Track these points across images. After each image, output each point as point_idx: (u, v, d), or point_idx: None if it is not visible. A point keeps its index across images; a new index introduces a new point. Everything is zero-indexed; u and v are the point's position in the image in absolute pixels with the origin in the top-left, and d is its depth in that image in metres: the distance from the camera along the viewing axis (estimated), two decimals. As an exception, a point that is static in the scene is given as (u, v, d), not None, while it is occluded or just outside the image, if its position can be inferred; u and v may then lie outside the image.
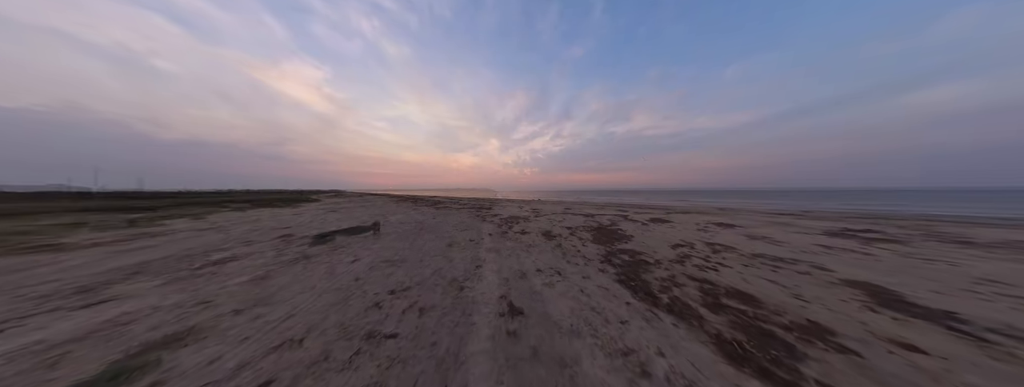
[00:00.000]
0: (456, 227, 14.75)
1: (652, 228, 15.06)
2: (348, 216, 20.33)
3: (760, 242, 11.07)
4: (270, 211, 23.68)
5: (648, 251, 9.71)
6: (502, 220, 18.04)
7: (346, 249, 9.41)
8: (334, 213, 22.77)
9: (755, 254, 9.15)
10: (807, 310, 5.12)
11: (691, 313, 5.04)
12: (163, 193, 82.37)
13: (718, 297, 5.77)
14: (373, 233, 12.45)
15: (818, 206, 34.21)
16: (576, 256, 8.99)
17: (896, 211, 26.58)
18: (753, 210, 27.35)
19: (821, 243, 10.78)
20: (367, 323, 4.37)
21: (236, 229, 13.50)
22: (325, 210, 25.59)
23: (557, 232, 13.94)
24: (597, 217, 19.93)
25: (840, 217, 20.78)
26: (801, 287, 6.27)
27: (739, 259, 8.61)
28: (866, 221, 17.75)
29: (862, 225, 15.66)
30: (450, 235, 12.29)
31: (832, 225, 15.65)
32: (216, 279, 6.21)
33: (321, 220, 17.69)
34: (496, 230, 13.95)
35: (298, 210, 25.40)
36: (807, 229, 14.25)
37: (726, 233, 13.26)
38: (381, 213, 22.66)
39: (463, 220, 17.91)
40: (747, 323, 4.65)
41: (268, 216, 19.71)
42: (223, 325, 4.23)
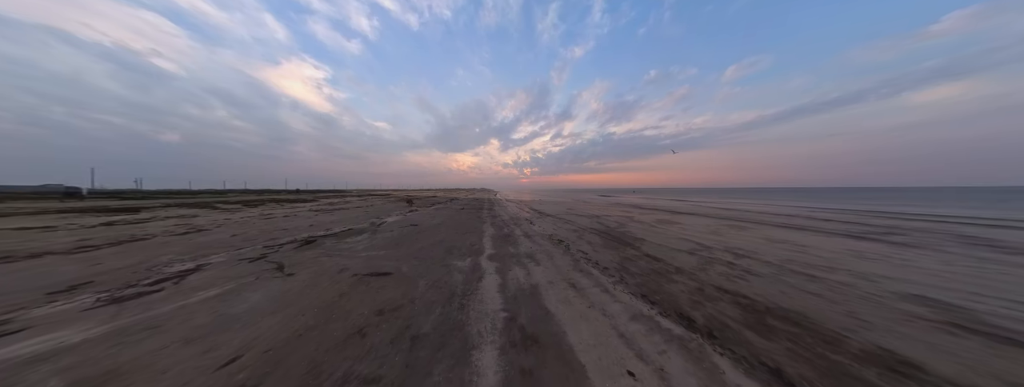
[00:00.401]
0: (455, 229, 13.87)
1: (662, 230, 14.24)
2: (343, 218, 19.41)
3: (782, 246, 10.26)
4: (260, 211, 22.74)
5: (665, 257, 8.88)
6: (503, 222, 17.20)
7: (334, 256, 8.53)
8: (328, 214, 21.83)
9: (783, 260, 8.33)
10: (874, 334, 4.30)
11: (736, 338, 4.20)
12: (158, 193, 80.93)
13: (761, 316, 4.94)
14: (369, 235, 11.56)
15: (821, 205, 33.50)
16: (589, 265, 8.15)
17: (903, 211, 25.87)
18: (761, 210, 26.58)
19: (850, 248, 9.98)
20: (345, 360, 3.50)
21: (216, 233, 12.57)
22: (320, 211, 24.64)
23: (564, 236, 13.07)
24: (602, 219, 19.09)
25: (853, 217, 20.03)
26: (852, 302, 5.45)
27: (766, 266, 7.79)
28: (881, 222, 17.00)
29: (879, 226, 14.90)
30: (448, 240, 11.42)
31: (850, 227, 14.89)
32: (171, 298, 5.31)
33: (313, 222, 16.76)
34: (498, 233, 13.08)
35: (292, 210, 24.43)
36: (827, 231, 13.47)
37: (743, 235, 12.46)
38: (377, 214, 21.75)
39: (462, 221, 17.03)
40: (808, 353, 3.82)
41: (257, 217, 18.76)
42: (160, 364, 3.35)
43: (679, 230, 14.77)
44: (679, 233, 13.80)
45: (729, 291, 6.06)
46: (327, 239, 11.21)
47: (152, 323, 4.33)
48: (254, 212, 22.86)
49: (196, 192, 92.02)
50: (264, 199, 43.24)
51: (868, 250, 9.60)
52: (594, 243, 11.60)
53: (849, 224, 16.05)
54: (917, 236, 12.13)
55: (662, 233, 13.38)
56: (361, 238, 11.42)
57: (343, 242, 10.63)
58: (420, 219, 18.15)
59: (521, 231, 13.99)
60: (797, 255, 8.98)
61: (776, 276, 7.04)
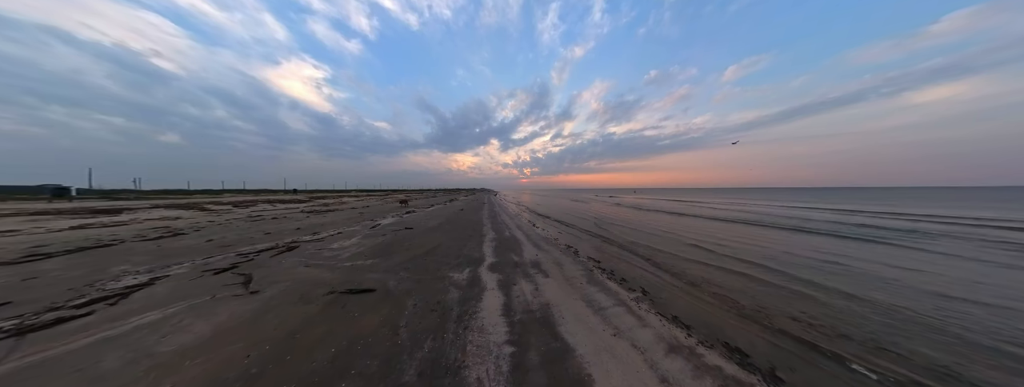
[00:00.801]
0: (453, 233, 12.82)
1: (713, 248, 13.18)
2: (335, 220, 18.37)
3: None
4: (249, 212, 21.69)
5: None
6: (504, 224, 16.15)
7: (313, 266, 7.49)
8: (321, 216, 20.78)
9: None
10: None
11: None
12: (152, 192, 79.82)
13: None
14: (359, 240, 10.52)
15: (834, 206, 32.48)
16: (604, 276, 7.11)
17: (916, 212, 24.86)
18: (780, 213, 25.53)
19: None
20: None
21: (191, 238, 11.54)
22: (313, 212, 23.59)
23: (570, 241, 12.05)
24: (605, 222, 18.04)
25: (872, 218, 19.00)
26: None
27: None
28: (900, 223, 15.96)
29: (900, 229, 13.86)
30: (445, 246, 10.39)
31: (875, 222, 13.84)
32: (93, 327, 4.28)
33: (302, 224, 15.73)
34: (499, 237, 12.03)
35: (284, 212, 23.39)
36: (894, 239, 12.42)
37: (792, 247, 11.41)
38: (372, 215, 20.71)
39: (461, 224, 15.97)
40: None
41: (244, 219, 17.73)
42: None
43: (693, 229, 13.74)
44: (694, 234, 12.77)
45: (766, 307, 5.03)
46: (311, 244, 10.17)
47: (36, 372, 3.27)
48: (242, 213, 21.82)
49: (191, 192, 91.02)
50: (258, 199, 42.19)
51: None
52: (610, 252, 10.58)
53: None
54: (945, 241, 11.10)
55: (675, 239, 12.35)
56: (349, 243, 10.38)
57: (328, 248, 9.59)
58: (416, 221, 17.11)
59: (523, 234, 12.96)
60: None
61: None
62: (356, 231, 13.24)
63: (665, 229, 15.66)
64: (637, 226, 16.82)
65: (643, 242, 12.26)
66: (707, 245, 11.58)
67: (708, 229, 15.67)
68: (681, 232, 14.64)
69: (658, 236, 13.64)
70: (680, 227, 16.44)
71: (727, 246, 11.41)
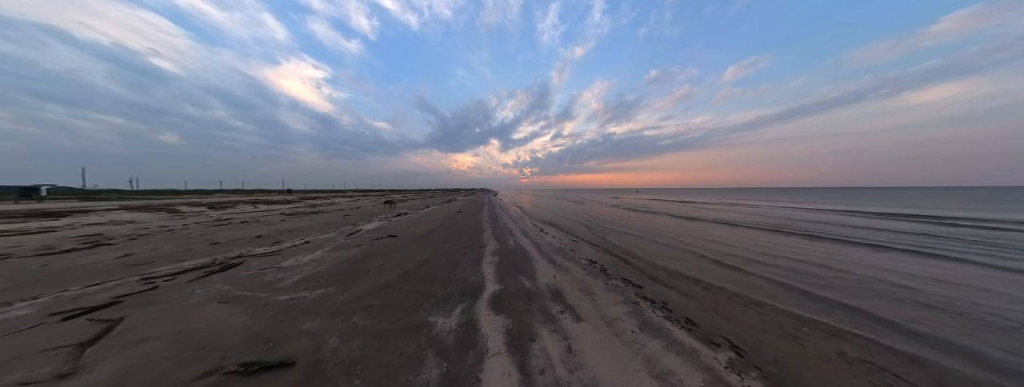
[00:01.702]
0: (445, 243, 10.43)
1: (748, 258, 10.83)
2: (312, 224, 15.98)
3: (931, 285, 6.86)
4: (221, 214, 19.30)
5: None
6: (508, 229, 13.76)
7: (231, 302, 5.11)
8: (299, 219, 18.40)
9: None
10: None
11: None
12: (140, 192, 77.38)
13: None
14: (324, 253, 8.14)
15: (853, 208, 30.11)
16: (656, 310, 4.75)
17: (929, 214, 22.60)
18: (805, 217, 23.18)
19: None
20: None
21: (107, 252, 9.17)
22: (294, 214, 21.20)
23: (591, 253, 9.71)
24: (627, 227, 15.71)
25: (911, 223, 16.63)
26: None
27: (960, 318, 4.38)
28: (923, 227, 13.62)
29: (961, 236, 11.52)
30: (432, 264, 8.01)
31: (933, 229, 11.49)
32: None
33: (271, 229, 13.35)
34: (503, 248, 9.64)
35: (262, 214, 21.00)
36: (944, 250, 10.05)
37: (831, 257, 9.04)
38: (357, 218, 18.31)
39: (457, 230, 13.57)
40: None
41: (208, 222, 15.35)
42: None
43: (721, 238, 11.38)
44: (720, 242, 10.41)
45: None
46: (260, 260, 7.78)
47: None
48: (213, 215, 19.43)
49: (182, 192, 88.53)
50: (245, 200, 39.78)
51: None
52: (643, 267, 8.19)
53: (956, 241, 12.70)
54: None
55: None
56: (308, 259, 7.99)
57: (278, 266, 7.20)
58: (405, 226, 14.73)
59: (531, 243, 10.59)
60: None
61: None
62: (328, 240, 10.84)
63: (692, 236, 13.30)
64: (658, 233, 14.46)
65: (673, 252, 9.90)
66: (762, 260, 9.24)
67: (738, 239, 13.32)
68: (713, 241, 12.28)
69: (687, 244, 11.29)
70: (709, 236, 14.10)
71: (773, 257, 9.07)
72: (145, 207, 23.86)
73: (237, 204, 28.83)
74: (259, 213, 21.48)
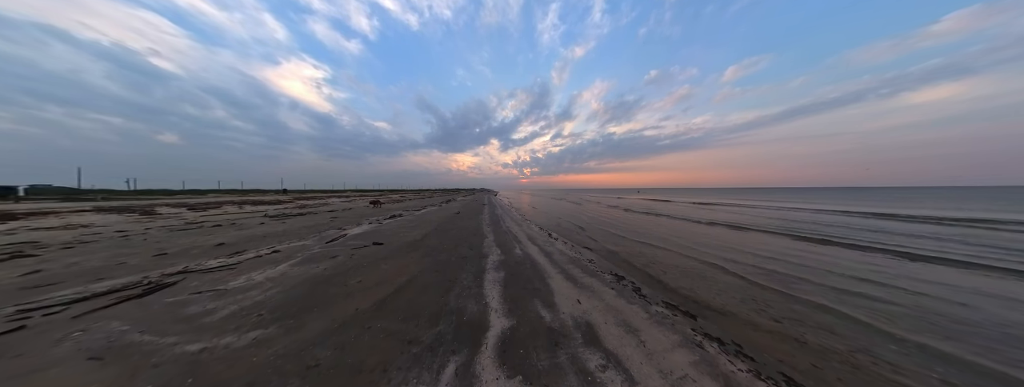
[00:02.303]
0: (440, 253, 8.78)
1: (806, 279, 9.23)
2: (292, 228, 14.36)
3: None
4: (197, 216, 17.62)
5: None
6: (513, 235, 12.09)
7: (108, 361, 3.46)
8: (281, 222, 16.75)
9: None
10: None
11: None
12: (132, 192, 75.58)
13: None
14: (289, 267, 6.49)
15: (876, 209, 28.60)
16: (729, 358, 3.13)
17: (966, 215, 21.10)
18: (829, 221, 21.60)
19: None
20: None
21: (17, 266, 7.52)
22: (278, 216, 19.55)
23: (614, 265, 8.13)
24: (644, 233, 14.13)
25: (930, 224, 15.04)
26: None
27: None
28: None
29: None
30: (419, 284, 6.39)
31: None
32: None
33: (243, 235, 11.72)
34: (509, 260, 7.99)
35: (245, 216, 19.33)
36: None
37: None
38: (345, 222, 16.67)
39: (454, 235, 11.92)
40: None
41: (178, 226, 13.71)
42: None
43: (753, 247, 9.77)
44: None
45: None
46: (206, 278, 6.14)
47: None
48: (187, 218, 17.75)
49: (177, 192, 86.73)
50: (234, 200, 38.11)
51: None
52: (678, 287, 6.54)
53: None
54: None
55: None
56: (264, 277, 6.34)
57: (220, 288, 5.56)
58: (395, 231, 13.09)
59: (541, 252, 8.95)
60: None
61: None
62: (301, 248, 9.19)
63: (722, 244, 11.69)
64: (682, 239, 12.85)
65: (706, 267, 8.28)
66: (827, 282, 7.66)
67: (772, 249, 11.74)
68: (745, 251, 10.69)
69: (721, 254, 9.67)
70: (736, 243, 12.51)
71: (830, 275, 7.47)
72: (121, 208, 22.17)
73: (222, 205, 27.12)
74: (240, 215, 19.80)
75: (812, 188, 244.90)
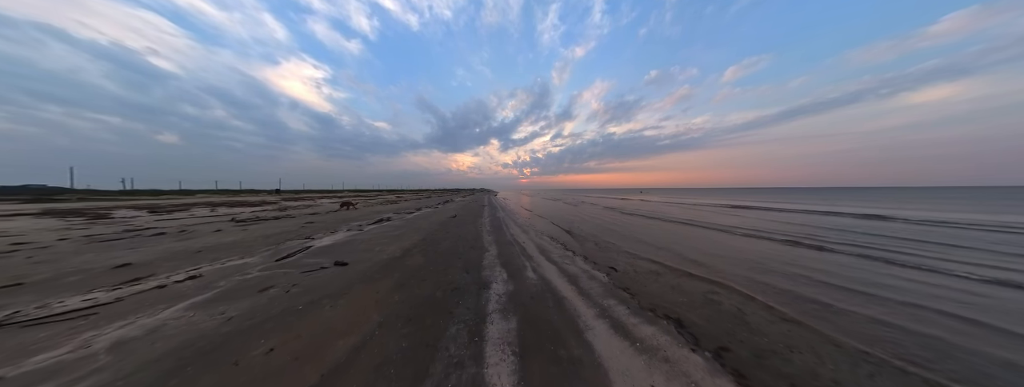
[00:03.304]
0: (424, 280, 6.30)
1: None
2: (240, 240, 11.92)
3: None
4: (153, 219, 15.15)
5: None
6: (520, 245, 9.57)
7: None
8: (243, 229, 14.28)
9: None
10: None
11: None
12: (120, 192, 72.98)
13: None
14: (186, 313, 4.03)
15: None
16: None
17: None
18: (864, 228, 19.12)
19: None
20: None
21: None
22: (248, 221, 17.07)
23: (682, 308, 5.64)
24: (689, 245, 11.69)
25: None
26: None
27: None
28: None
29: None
30: (376, 352, 3.89)
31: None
32: None
33: (176, 248, 9.25)
34: (522, 290, 5.51)
35: (208, 220, 16.83)
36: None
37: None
38: (318, 229, 14.20)
39: (447, 248, 9.44)
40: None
41: (101, 238, 11.24)
42: None
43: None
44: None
45: None
46: (17, 337, 3.70)
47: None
48: (138, 222, 15.24)
49: (166, 192, 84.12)
50: (214, 202, 35.65)
51: None
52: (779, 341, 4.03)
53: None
54: None
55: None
56: (122, 334, 3.87)
57: (14, 365, 3.12)
58: (372, 243, 10.61)
59: (560, 274, 6.44)
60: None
61: None
62: (234, 271, 6.70)
63: (785, 262, 9.18)
64: (729, 253, 10.36)
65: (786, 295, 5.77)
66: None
67: (849, 270, 9.28)
68: (807, 267, 8.18)
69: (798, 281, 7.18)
70: (789, 259, 10.05)
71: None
72: (70, 212, 19.63)
73: (193, 207, 24.57)
74: (203, 220, 17.26)
75: (811, 189, 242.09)
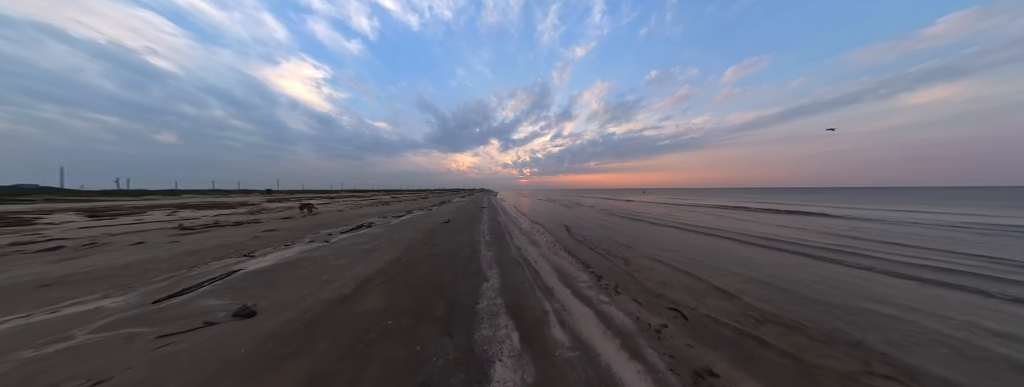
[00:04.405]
0: (370, 344, 3.51)
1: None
2: (149, 260, 9.09)
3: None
4: (74, 227, 12.31)
5: None
6: (535, 264, 6.69)
7: None
8: (172, 240, 11.48)
9: None
10: None
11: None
12: (99, 192, 70.09)
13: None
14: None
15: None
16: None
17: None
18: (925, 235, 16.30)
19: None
20: None
21: None
22: (195, 228, 14.24)
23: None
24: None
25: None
26: None
27: None
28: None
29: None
30: None
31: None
32: None
33: (68, 269, 6.46)
34: (554, 363, 2.75)
35: (156, 223, 14.00)
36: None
37: None
38: (278, 239, 11.38)
39: (428, 270, 6.64)
40: None
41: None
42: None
43: None
44: None
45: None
46: None
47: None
48: (51, 231, 12.42)
49: (152, 192, 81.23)
50: (188, 203, 32.83)
51: None
52: None
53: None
54: None
55: None
56: None
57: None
58: (318, 268, 7.77)
59: (597, 319, 3.56)
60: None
61: None
62: (66, 324, 3.91)
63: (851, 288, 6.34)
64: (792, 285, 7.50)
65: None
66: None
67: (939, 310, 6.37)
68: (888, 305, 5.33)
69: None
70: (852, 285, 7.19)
71: None
72: (17, 215, 16.77)
73: (148, 211, 21.65)
74: (140, 227, 14.35)
75: (812, 189, 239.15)
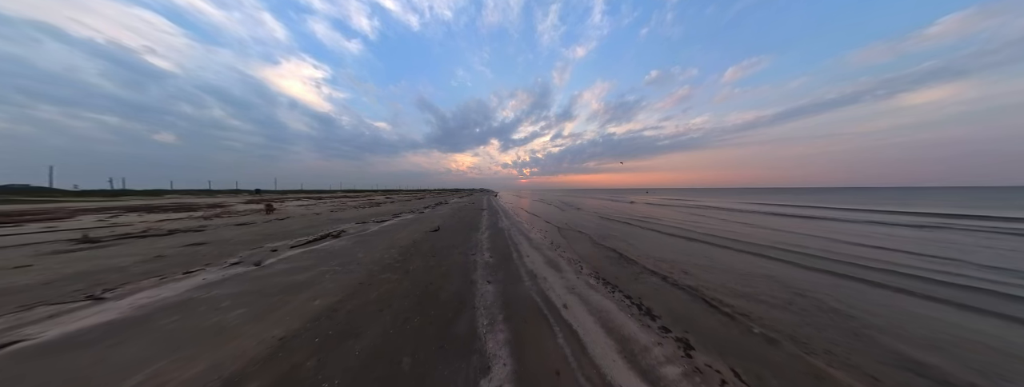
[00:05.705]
0: None
1: None
2: (32, 283, 6.31)
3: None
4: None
5: None
6: (560, 319, 4.15)
7: None
8: (92, 254, 8.81)
9: None
10: None
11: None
12: (84, 193, 67.49)
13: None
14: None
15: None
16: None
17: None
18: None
19: None
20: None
21: None
22: (96, 242, 11.57)
23: None
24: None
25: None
26: None
27: None
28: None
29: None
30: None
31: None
32: None
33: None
34: None
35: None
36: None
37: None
38: (213, 255, 8.73)
39: (394, 316, 4.07)
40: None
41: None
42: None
43: None
44: None
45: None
46: None
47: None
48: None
49: (137, 192, 78.53)
50: (165, 204, 30.23)
51: None
52: None
53: None
54: None
55: None
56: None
57: None
58: (204, 317, 5.14)
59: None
60: None
61: None
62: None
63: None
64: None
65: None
66: None
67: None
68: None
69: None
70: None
71: None
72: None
73: (122, 213, 19.02)
74: (29, 239, 11.71)
75: (812, 189, 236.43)
